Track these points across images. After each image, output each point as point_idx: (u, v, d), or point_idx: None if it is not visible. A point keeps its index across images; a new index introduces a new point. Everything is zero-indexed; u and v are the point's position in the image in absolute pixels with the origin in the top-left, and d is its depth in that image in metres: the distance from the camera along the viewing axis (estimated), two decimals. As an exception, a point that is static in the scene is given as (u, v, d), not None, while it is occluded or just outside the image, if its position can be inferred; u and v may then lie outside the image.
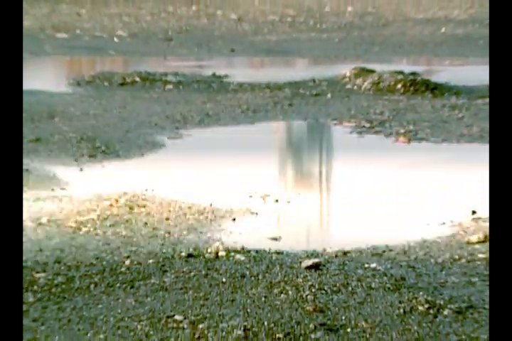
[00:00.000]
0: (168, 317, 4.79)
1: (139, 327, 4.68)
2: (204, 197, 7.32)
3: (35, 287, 5.24)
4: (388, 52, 16.62)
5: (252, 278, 5.42)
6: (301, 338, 4.56)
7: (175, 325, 4.70)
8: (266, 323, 4.71)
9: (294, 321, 4.76)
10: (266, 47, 17.39)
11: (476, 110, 11.15)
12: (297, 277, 5.43)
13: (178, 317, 4.77)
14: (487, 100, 11.72)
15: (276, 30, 19.89)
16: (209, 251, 5.90)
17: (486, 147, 9.42)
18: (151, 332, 4.62)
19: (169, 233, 6.46)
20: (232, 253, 5.87)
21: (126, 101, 11.61)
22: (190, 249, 5.94)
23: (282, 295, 5.14)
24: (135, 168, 8.54)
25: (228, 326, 4.66)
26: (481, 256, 5.93)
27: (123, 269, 5.56)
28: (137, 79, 13.15)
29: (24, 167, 8.19)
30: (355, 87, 12.48)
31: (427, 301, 5.03)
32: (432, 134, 9.87)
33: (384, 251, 6.06)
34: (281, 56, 16.59)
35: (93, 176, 8.17)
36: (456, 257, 5.92)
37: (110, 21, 20.43)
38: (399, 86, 12.28)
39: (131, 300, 5.07)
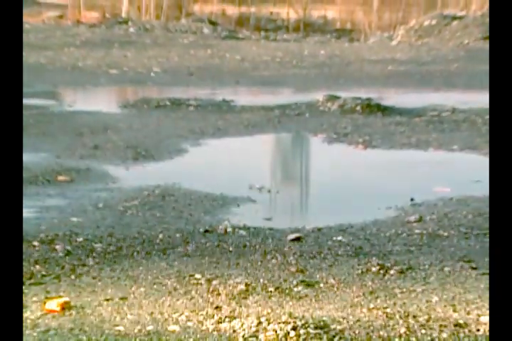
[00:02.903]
0: (190, 275, 4.79)
1: (169, 283, 4.68)
2: (216, 189, 7.32)
3: (94, 254, 5.24)
4: (350, 84, 16.60)
5: (251, 248, 5.42)
6: (287, 291, 4.56)
7: (195, 282, 4.70)
8: (261, 280, 4.71)
9: (281, 279, 4.76)
10: (261, 80, 17.38)
11: (413, 126, 11.15)
12: (284, 247, 5.43)
13: (197, 276, 4.78)
14: (423, 118, 11.72)
15: (268, 67, 19.88)
16: (220, 228, 5.90)
17: (422, 152, 9.44)
18: (178, 287, 4.62)
19: (191, 215, 6.46)
20: (237, 230, 5.88)
21: (160, 119, 11.61)
22: (207, 227, 5.95)
23: (273, 260, 5.14)
24: (166, 167, 8.54)
25: (234, 282, 4.66)
26: (417, 231, 5.94)
27: (157, 241, 5.56)
28: (168, 103, 13.14)
29: (85, 167, 8.19)
30: (326, 109, 12.47)
31: (378, 264, 5.03)
32: (382, 143, 9.88)
33: (347, 228, 6.06)
34: (272, 86, 16.58)
35: (136, 173, 8.17)
36: (399, 232, 5.92)
37: (148, 61, 20.41)
38: (358, 108, 12.27)
39: (164, 264, 5.07)
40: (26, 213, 6.41)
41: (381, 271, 4.92)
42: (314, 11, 38.46)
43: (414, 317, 4.19)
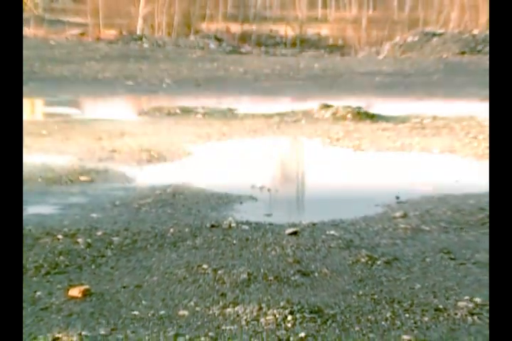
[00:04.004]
0: (198, 266, 4.79)
1: (179, 272, 4.68)
2: (221, 188, 7.32)
3: (112, 246, 5.24)
4: (342, 94, 16.61)
5: (253, 241, 5.42)
6: (285, 280, 4.56)
7: (202, 271, 4.70)
8: (262, 270, 4.71)
9: (280, 268, 4.76)
10: (262, 90, 17.39)
11: (398, 131, 11.15)
12: (282, 240, 5.42)
13: (204, 266, 4.77)
14: (407, 124, 11.72)
15: (268, 79, 19.88)
16: (225, 223, 5.90)
17: (406, 155, 9.44)
18: (187, 276, 4.62)
19: (199, 211, 6.46)
20: (240, 225, 5.87)
21: (171, 125, 11.61)
22: (213, 222, 5.94)
23: (273, 252, 5.14)
24: (177, 168, 8.54)
25: (237, 272, 4.66)
26: (402, 226, 5.93)
27: (169, 235, 5.56)
28: (178, 111, 13.14)
29: (104, 168, 8.20)
30: (320, 116, 12.47)
31: (367, 255, 5.03)
32: (371, 147, 9.88)
33: (339, 223, 6.06)
34: (271, 96, 16.59)
35: (149, 174, 8.17)
36: (386, 227, 5.92)
37: (160, 73, 20.42)
38: (349, 115, 12.28)
39: (174, 255, 5.07)
40: (51, 210, 6.42)
41: (369, 262, 4.92)
42: (309, 29, 38.50)
43: (398, 302, 4.19)
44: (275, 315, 3.94)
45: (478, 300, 4.22)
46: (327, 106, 12.84)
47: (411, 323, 3.92)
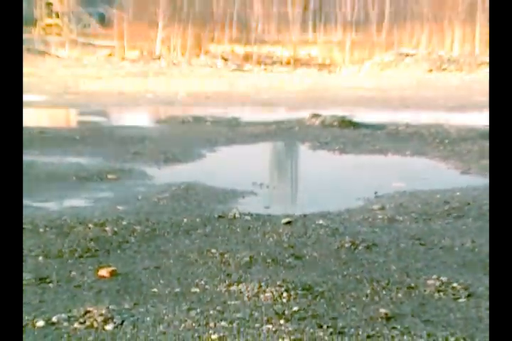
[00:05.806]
0: (207, 250, 4.80)
1: (192, 256, 4.69)
2: (227, 184, 7.32)
3: (135, 234, 5.24)
4: (329, 105, 16.58)
5: (254, 229, 5.43)
6: (281, 262, 4.57)
7: (211, 255, 4.70)
8: (261, 254, 4.72)
9: (276, 252, 4.76)
10: (262, 102, 17.37)
11: (376, 136, 11.15)
12: (279, 228, 5.43)
13: (213, 251, 4.78)
14: (384, 131, 11.70)
15: (267, 92, 19.85)
16: (230, 214, 5.90)
17: (383, 156, 9.44)
18: (198, 259, 4.62)
19: (208, 204, 6.45)
20: (243, 216, 5.88)
21: (184, 131, 11.61)
22: (220, 213, 5.94)
23: (270, 239, 5.14)
24: (189, 168, 8.54)
25: (241, 255, 4.66)
26: (379, 216, 5.93)
27: (183, 224, 5.56)
28: (190, 119, 13.13)
29: (128, 168, 8.19)
30: (311, 124, 12.46)
31: (350, 241, 5.03)
32: (353, 149, 9.88)
33: (326, 214, 6.06)
34: (270, 107, 16.57)
35: (166, 173, 8.17)
36: (366, 217, 5.92)
37: (175, 87, 20.40)
38: (335, 123, 12.26)
39: (188, 241, 5.07)
40: (84, 203, 6.43)
41: (352, 247, 4.93)
42: (301, 50, 38.46)
43: (377, 281, 4.19)
44: (273, 292, 3.94)
45: (444, 278, 4.23)
46: (317, 115, 12.82)
47: (387, 299, 3.92)
